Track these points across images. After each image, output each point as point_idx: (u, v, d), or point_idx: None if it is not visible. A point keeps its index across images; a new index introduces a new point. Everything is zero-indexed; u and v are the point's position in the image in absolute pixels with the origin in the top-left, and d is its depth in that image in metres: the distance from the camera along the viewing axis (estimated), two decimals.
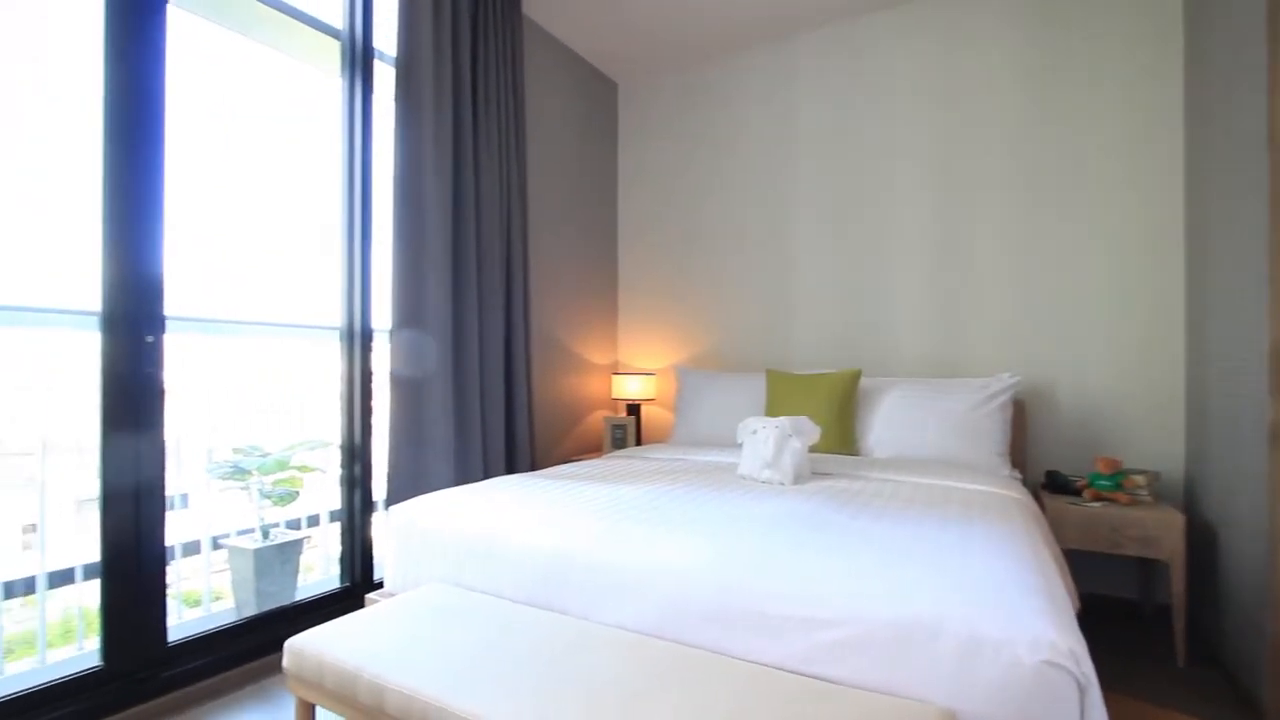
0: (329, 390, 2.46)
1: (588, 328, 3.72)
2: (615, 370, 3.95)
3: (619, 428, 3.50)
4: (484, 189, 2.73)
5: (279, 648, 2.06)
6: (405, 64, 2.43)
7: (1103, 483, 2.29)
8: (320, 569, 2.88)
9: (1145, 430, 2.55)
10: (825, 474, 2.24)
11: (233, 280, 2.44)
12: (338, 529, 2.47)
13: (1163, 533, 2.11)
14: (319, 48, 2.42)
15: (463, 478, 2.56)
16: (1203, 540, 2.24)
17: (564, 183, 3.53)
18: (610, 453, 2.90)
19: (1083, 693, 0.98)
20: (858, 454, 2.68)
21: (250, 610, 2.36)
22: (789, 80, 3.39)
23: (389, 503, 2.35)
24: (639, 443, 3.56)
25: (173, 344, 1.88)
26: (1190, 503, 2.41)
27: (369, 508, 2.46)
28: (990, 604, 1.09)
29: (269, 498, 2.56)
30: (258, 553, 2.42)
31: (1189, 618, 2.30)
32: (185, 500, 2.58)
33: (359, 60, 2.44)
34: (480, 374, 2.69)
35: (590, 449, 3.73)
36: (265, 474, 2.55)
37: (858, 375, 2.73)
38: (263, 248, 2.54)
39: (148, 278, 1.81)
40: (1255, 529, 1.82)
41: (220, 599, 2.61)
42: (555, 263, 3.45)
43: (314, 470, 2.66)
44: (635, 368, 3.91)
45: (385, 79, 2.53)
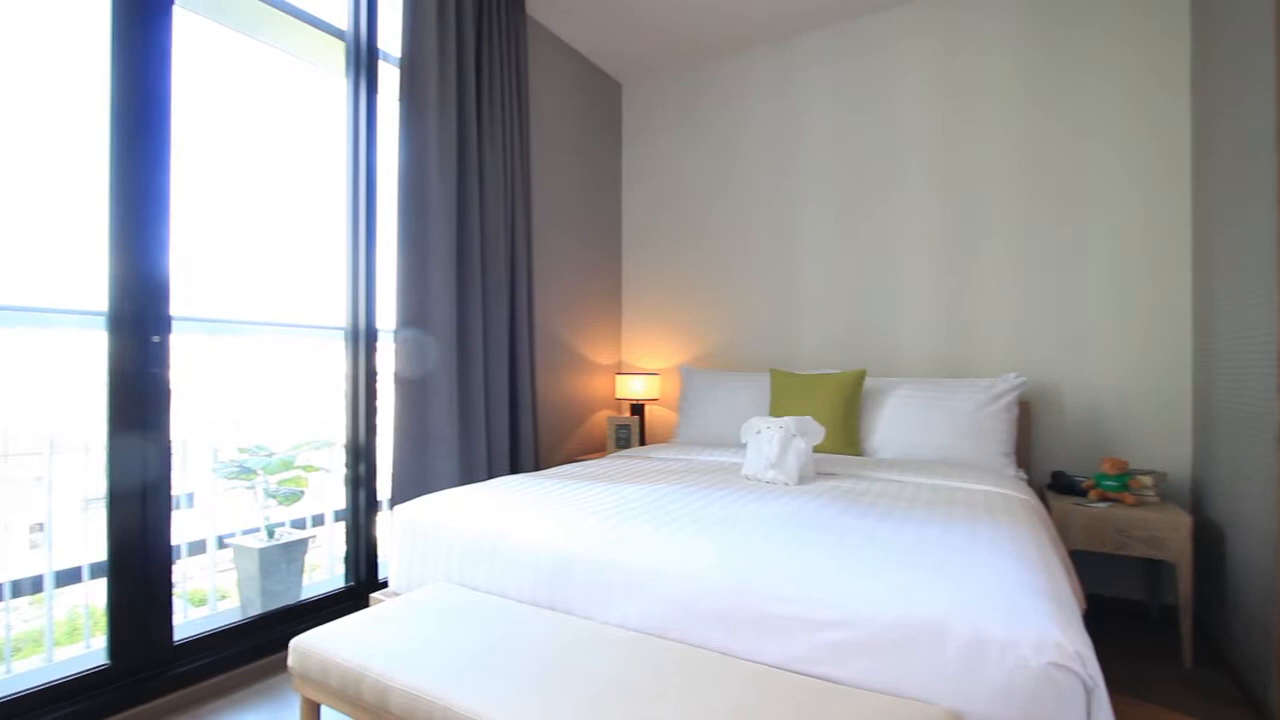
0: (334, 390, 2.47)
1: (592, 327, 3.72)
2: (619, 370, 3.95)
3: (623, 428, 3.50)
4: (488, 188, 2.73)
5: (284, 647, 2.08)
6: (409, 64, 2.44)
7: (1109, 483, 2.28)
8: (325, 568, 2.89)
9: (1152, 431, 2.54)
10: (830, 474, 2.24)
11: (237, 280, 2.45)
12: (342, 528, 2.48)
13: (1169, 534, 2.10)
14: (323, 48, 2.43)
15: (467, 477, 2.57)
16: (1209, 541, 2.23)
17: (568, 182, 3.53)
18: (614, 453, 2.90)
19: (1089, 694, 0.98)
20: (862, 454, 2.67)
21: (255, 609, 2.36)
22: (793, 80, 3.39)
23: (393, 502, 2.36)
24: (643, 443, 3.56)
25: (178, 344, 1.89)
26: (1197, 503, 2.40)
27: (374, 507, 2.47)
28: (996, 605, 1.08)
29: (274, 497, 2.57)
30: (263, 552, 2.43)
31: (1196, 619, 2.29)
32: (191, 500, 2.59)
33: (363, 60, 2.45)
34: (484, 374, 2.69)
35: (594, 449, 3.73)
36: (270, 473, 2.56)
37: (862, 375, 2.73)
38: (267, 248, 2.55)
39: (154, 278, 1.82)
40: (1262, 530, 1.81)
41: (226, 598, 2.62)
42: (559, 262, 3.45)
43: (319, 470, 2.68)
44: (639, 367, 3.91)
45: (389, 79, 2.54)
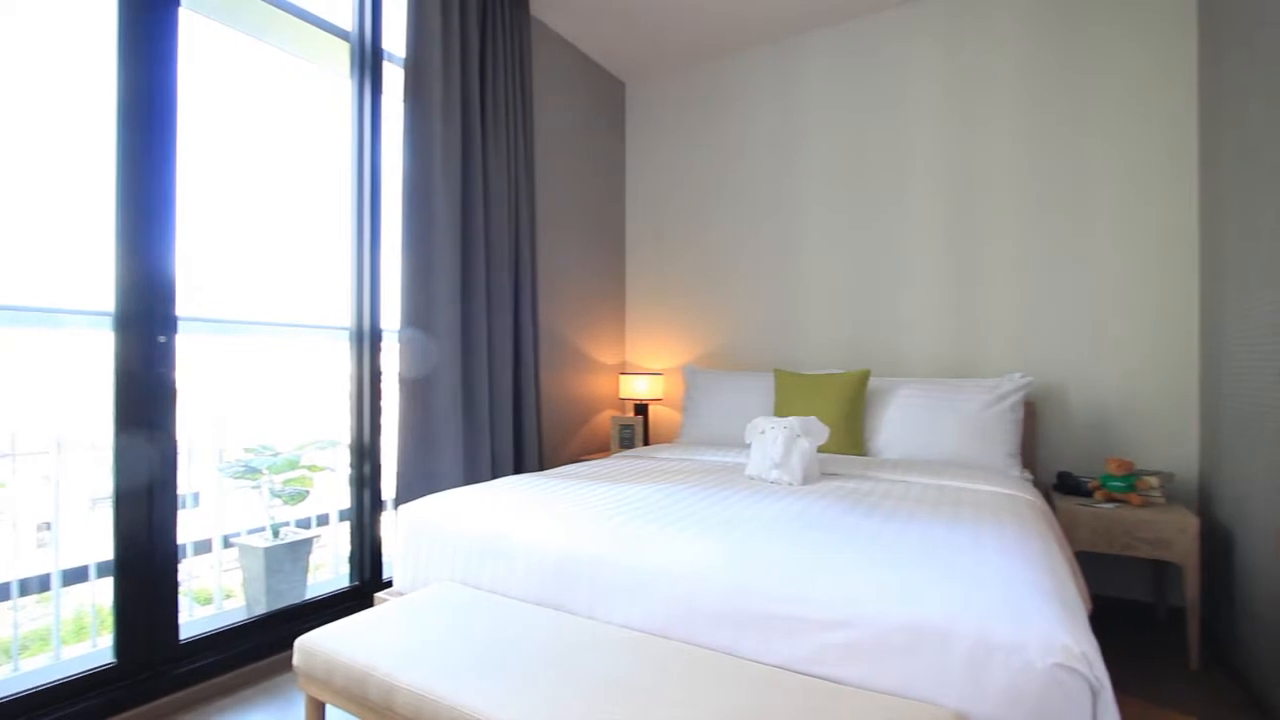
0: (338, 390, 2.48)
1: (596, 327, 3.72)
2: (623, 370, 3.95)
3: (627, 428, 3.50)
4: (492, 189, 2.73)
5: (289, 646, 2.09)
6: (414, 65, 2.44)
7: (1115, 484, 2.27)
8: (330, 568, 2.89)
9: (1158, 431, 2.53)
10: (834, 474, 2.23)
11: (243, 281, 2.46)
12: (347, 528, 2.49)
13: (1176, 535, 2.09)
14: (328, 49, 2.44)
15: (471, 477, 2.57)
16: (1217, 542, 2.21)
17: (572, 182, 3.53)
18: (618, 453, 2.90)
19: (1095, 696, 0.98)
20: (867, 455, 2.66)
21: (261, 608, 2.37)
22: (797, 79, 3.38)
23: (398, 502, 2.36)
24: (647, 443, 3.56)
25: (184, 344, 1.90)
26: (1204, 504, 2.38)
27: (378, 507, 2.48)
28: (1002, 606, 1.08)
29: (279, 497, 2.58)
30: (268, 551, 2.44)
31: (1202, 621, 2.28)
32: (197, 499, 2.60)
33: (368, 61, 2.46)
34: (488, 374, 2.70)
35: (598, 449, 3.73)
36: (276, 473, 2.57)
37: (867, 375, 2.72)
38: (273, 248, 2.56)
39: (160, 278, 1.83)
40: (1271, 531, 1.80)
41: (231, 597, 2.63)
42: (563, 262, 3.45)
43: (324, 469, 2.68)
44: (643, 367, 3.91)
45: (394, 80, 2.55)
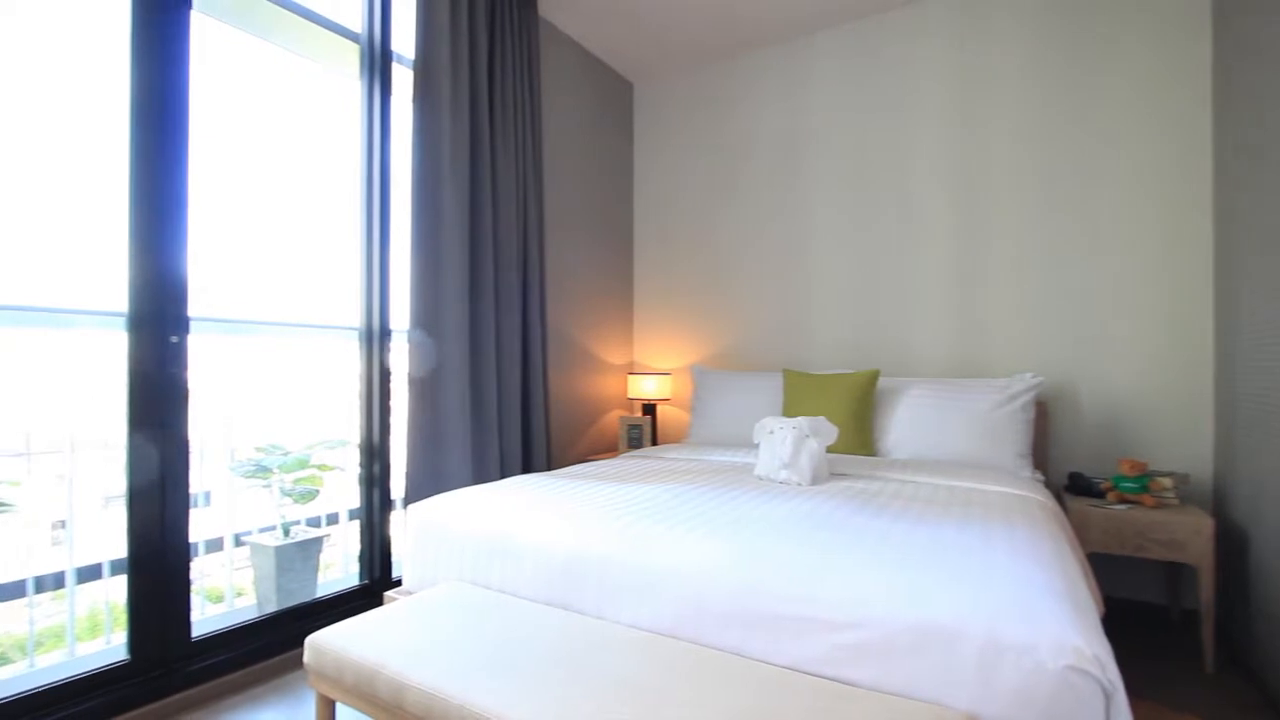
0: (348, 390, 2.49)
1: (604, 327, 3.72)
2: (631, 370, 3.96)
3: (635, 428, 3.50)
4: (501, 189, 2.74)
5: (300, 644, 2.10)
6: (423, 66, 2.45)
7: (1127, 485, 2.25)
8: (339, 566, 2.91)
9: (1172, 431, 2.50)
10: (843, 475, 2.22)
11: (254, 281, 2.47)
12: (357, 527, 2.50)
13: (1190, 536, 2.06)
14: (338, 51, 2.45)
15: (480, 477, 2.58)
16: (1232, 544, 2.19)
17: (580, 182, 3.54)
18: (626, 453, 2.90)
19: (1108, 699, 0.97)
20: (876, 455, 2.65)
21: (272, 606, 2.39)
22: (804, 79, 3.37)
23: (407, 501, 2.37)
24: (655, 443, 3.56)
25: (196, 344, 1.91)
26: (1219, 505, 2.35)
27: (387, 506, 2.49)
28: (1012, 607, 1.07)
29: (290, 496, 2.60)
30: (279, 550, 2.45)
31: (1218, 623, 2.25)
32: (208, 498, 2.62)
33: (377, 63, 2.47)
34: (497, 374, 2.70)
35: (606, 449, 3.73)
36: (286, 472, 2.58)
37: (876, 375, 2.71)
38: (283, 249, 2.57)
39: (172, 279, 1.85)
40: None
41: (242, 595, 2.65)
42: (571, 262, 3.46)
43: (334, 469, 2.69)
44: (651, 367, 3.91)
45: (403, 81, 2.56)
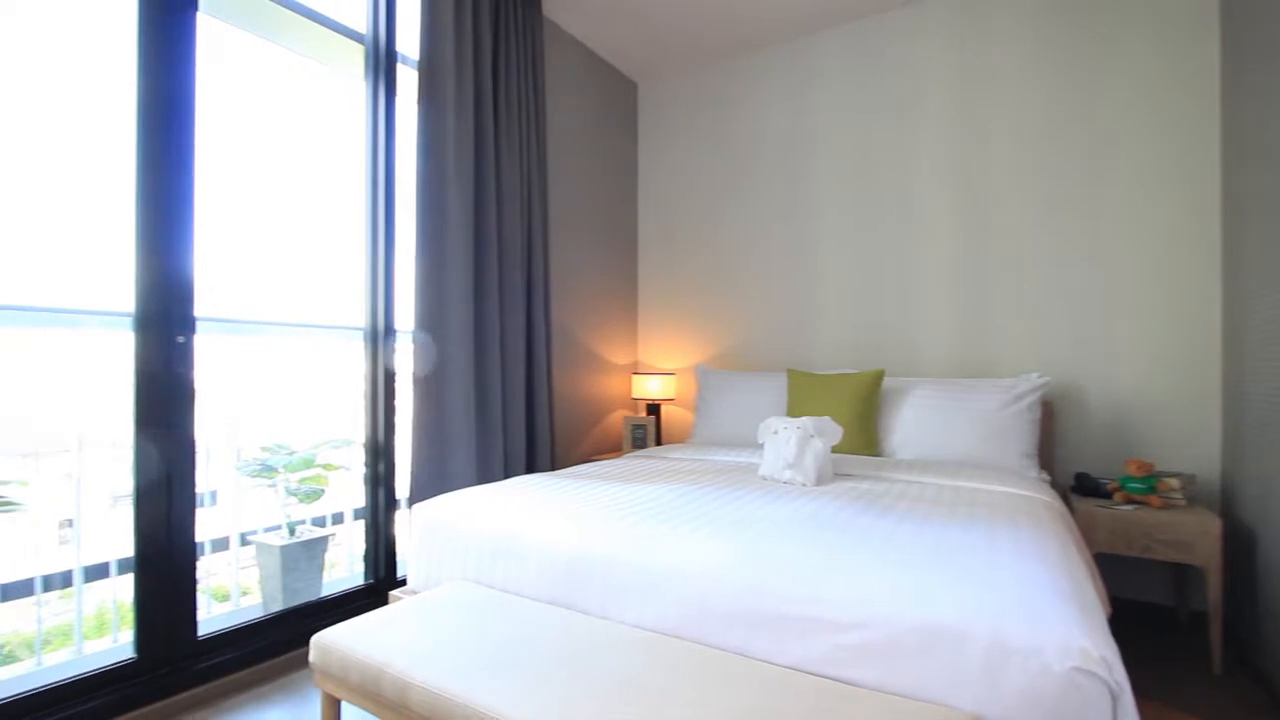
0: (353, 389, 2.50)
1: (608, 327, 3.72)
2: (635, 370, 3.95)
3: (639, 427, 3.50)
4: (505, 189, 2.74)
5: (305, 643, 2.11)
6: (428, 67, 2.46)
7: (1134, 485, 2.24)
8: (345, 566, 2.92)
9: (1179, 431, 2.49)
10: (848, 475, 2.22)
11: (259, 281, 2.48)
12: (362, 526, 2.51)
13: (1197, 537, 2.05)
14: (343, 52, 2.46)
15: (484, 477, 2.58)
16: (1240, 544, 2.17)
17: (584, 182, 3.54)
18: (630, 453, 2.90)
19: (1115, 700, 0.96)
20: (881, 455, 2.64)
21: (277, 605, 2.40)
22: (807, 80, 3.36)
23: (412, 501, 2.38)
24: (659, 443, 3.56)
25: (202, 344, 1.92)
26: (1227, 506, 2.34)
27: (392, 506, 2.50)
28: (1018, 608, 1.07)
29: (295, 495, 2.61)
30: (284, 549, 2.46)
31: (1226, 624, 2.24)
32: (214, 497, 2.63)
33: (382, 63, 2.48)
34: (501, 374, 2.71)
35: (610, 449, 3.73)
36: (291, 472, 2.59)
37: (881, 375, 2.70)
38: (289, 249, 2.58)
39: (179, 279, 1.86)
40: None
41: (248, 594, 2.66)
42: (576, 262, 3.46)
43: (339, 468, 2.70)
44: (655, 367, 3.90)
45: (408, 82, 2.56)
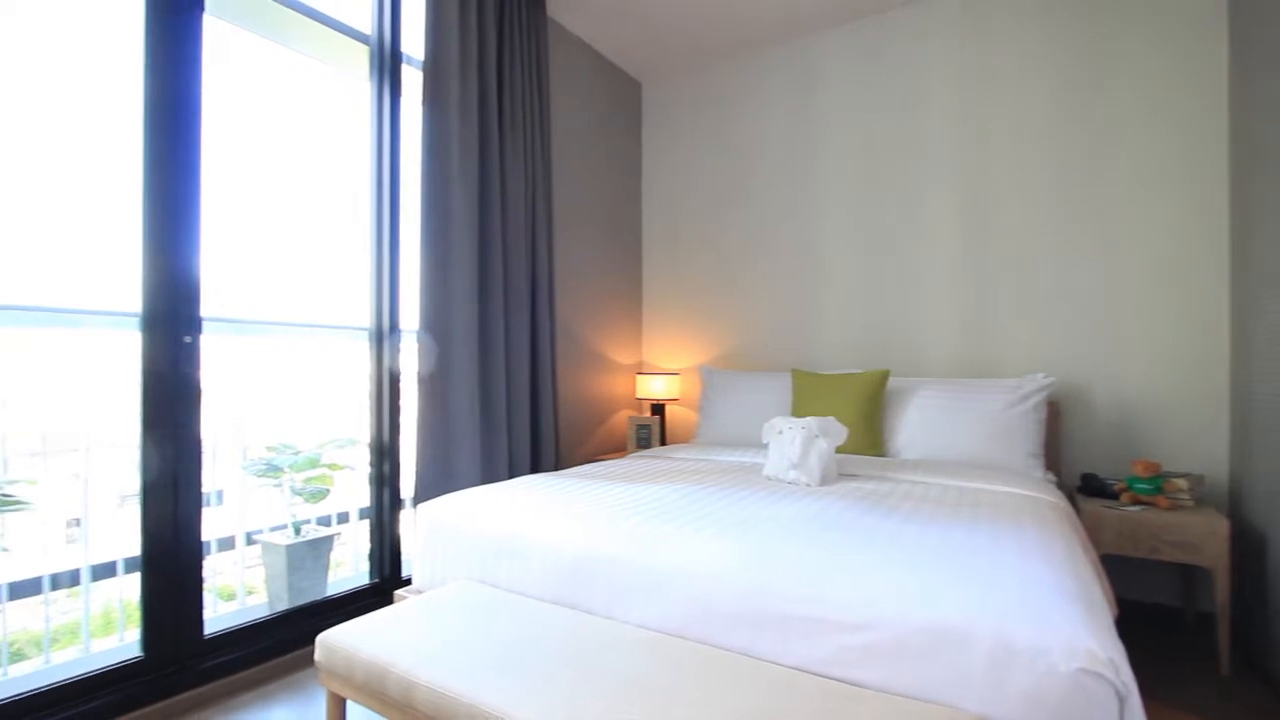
0: (358, 389, 2.50)
1: (612, 327, 3.73)
2: (640, 370, 3.95)
3: (643, 428, 3.50)
4: (509, 189, 2.75)
5: (311, 641, 2.11)
6: (432, 67, 2.46)
7: (1141, 486, 2.22)
8: (350, 565, 2.93)
9: (1187, 432, 2.47)
10: (852, 475, 2.21)
11: (265, 282, 2.50)
12: (367, 526, 2.52)
13: (1205, 538, 2.04)
14: (348, 53, 2.47)
15: (489, 476, 2.58)
16: (1248, 545, 2.16)
17: (589, 182, 3.54)
18: (635, 453, 2.90)
19: (1122, 702, 0.96)
20: (886, 455, 2.64)
21: (283, 605, 2.41)
22: (812, 79, 3.35)
23: (417, 500, 2.38)
24: (663, 443, 3.56)
25: (208, 344, 1.93)
26: (1235, 507, 2.32)
27: (397, 505, 2.50)
28: (1024, 609, 1.06)
29: (300, 495, 2.62)
30: (290, 549, 2.47)
31: (1234, 626, 2.22)
32: (220, 496, 2.64)
33: (387, 64, 2.48)
34: (506, 374, 2.71)
35: (614, 449, 3.73)
36: (297, 471, 2.60)
37: (886, 375, 2.69)
38: (294, 249, 2.59)
39: (185, 280, 1.86)
40: None
41: (253, 593, 2.67)
42: (580, 262, 3.46)
43: (344, 468, 2.71)
44: (660, 367, 3.90)
45: (413, 82, 2.57)
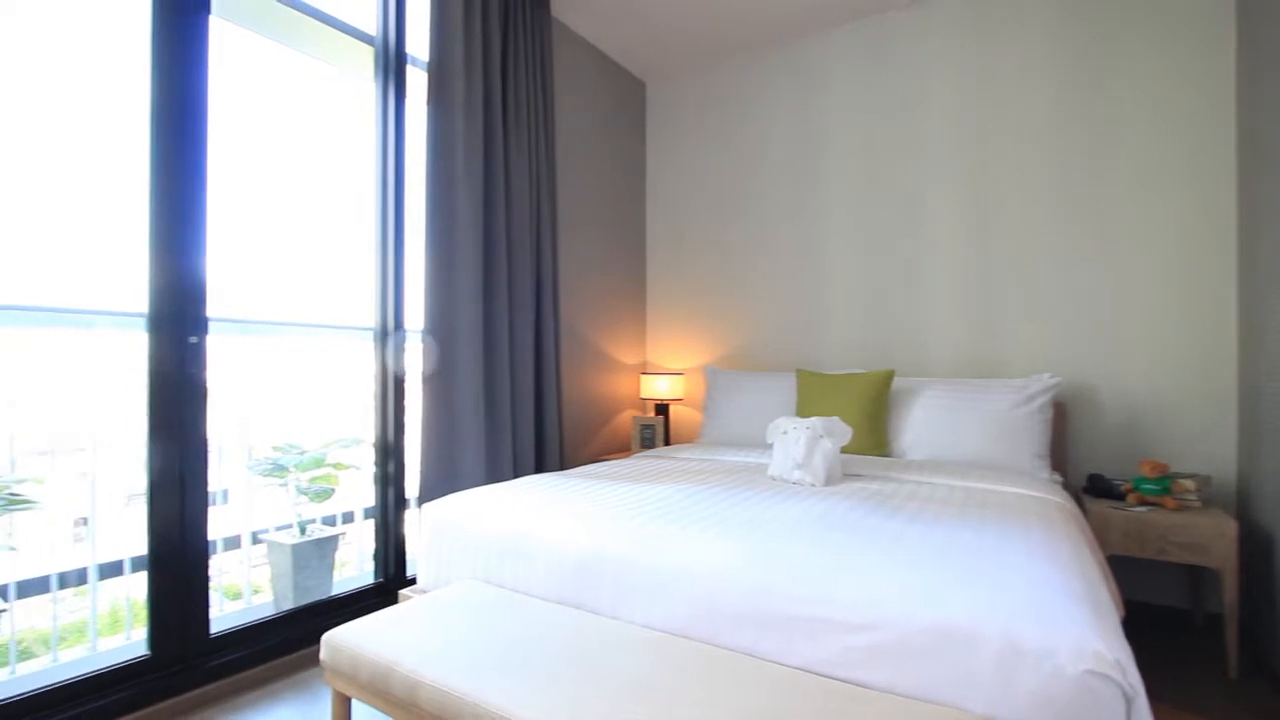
0: (363, 389, 2.51)
1: (617, 327, 3.73)
2: (644, 370, 3.95)
3: (648, 427, 3.50)
4: (514, 189, 2.75)
5: (316, 640, 2.12)
6: (437, 68, 2.47)
7: (1148, 487, 2.21)
8: (355, 564, 2.93)
9: (1194, 432, 2.46)
10: (857, 475, 2.21)
11: (271, 282, 2.50)
12: (372, 525, 2.52)
13: (1213, 539, 2.02)
14: (353, 54, 2.47)
15: (493, 476, 2.59)
16: (1257, 545, 2.14)
17: (593, 182, 3.54)
18: (639, 453, 2.90)
19: (1129, 704, 0.95)
20: (891, 455, 2.63)
21: (288, 604, 2.41)
22: (815, 80, 3.35)
23: (421, 500, 2.39)
24: (667, 443, 3.56)
25: (214, 344, 1.94)
26: (1243, 507, 2.31)
27: (402, 505, 2.51)
28: (1030, 610, 1.06)
29: (306, 494, 2.63)
30: (295, 548, 2.48)
31: (1242, 627, 2.21)
32: (226, 496, 2.65)
33: (392, 65, 2.49)
34: (510, 374, 2.71)
35: (619, 449, 3.73)
36: (302, 471, 2.61)
37: (890, 375, 2.68)
38: (299, 250, 2.60)
39: (191, 280, 1.87)
40: None
41: (259, 592, 2.68)
42: (584, 262, 3.46)
43: (349, 468, 2.72)
44: (664, 367, 3.90)
45: (417, 83, 2.58)
